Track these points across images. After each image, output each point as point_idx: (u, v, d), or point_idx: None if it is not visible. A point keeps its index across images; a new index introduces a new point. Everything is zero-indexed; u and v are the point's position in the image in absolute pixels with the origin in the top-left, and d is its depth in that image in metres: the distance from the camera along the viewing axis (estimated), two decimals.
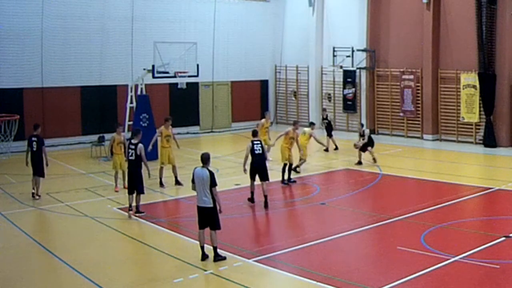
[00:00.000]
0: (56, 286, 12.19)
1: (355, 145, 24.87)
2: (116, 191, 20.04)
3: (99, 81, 30.12)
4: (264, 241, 14.71)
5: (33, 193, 19.06)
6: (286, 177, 20.97)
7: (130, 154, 16.97)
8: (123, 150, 20.00)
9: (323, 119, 29.72)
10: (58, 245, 14.54)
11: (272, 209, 17.64)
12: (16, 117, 24.78)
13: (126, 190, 17.46)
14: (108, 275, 12.49)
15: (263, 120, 26.05)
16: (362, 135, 24.75)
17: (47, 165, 19.16)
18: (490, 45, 27.64)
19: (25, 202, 18.56)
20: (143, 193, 17.11)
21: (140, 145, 16.92)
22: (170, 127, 21.19)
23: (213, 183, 13.08)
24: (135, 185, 16.87)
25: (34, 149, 19.06)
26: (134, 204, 16.99)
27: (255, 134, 18.53)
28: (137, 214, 16.85)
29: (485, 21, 27.50)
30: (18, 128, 25.37)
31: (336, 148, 28.15)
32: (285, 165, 21.06)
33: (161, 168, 20.91)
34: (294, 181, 21.14)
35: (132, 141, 17.04)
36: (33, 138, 19.21)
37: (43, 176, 19.24)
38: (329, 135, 28.53)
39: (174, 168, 20.92)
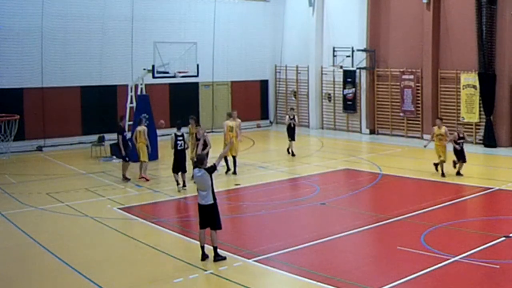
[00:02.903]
0: (56, 286, 12.16)
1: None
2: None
3: (99, 81, 30.11)
4: (264, 241, 14.65)
5: (123, 175, 21.56)
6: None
7: (179, 145, 19.83)
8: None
9: (290, 119, 26.99)
10: (58, 245, 14.46)
11: (272, 209, 17.64)
12: (16, 117, 24.78)
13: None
14: (108, 275, 12.48)
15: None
16: (461, 137, 21.89)
17: (124, 150, 21.56)
18: (490, 45, 27.61)
19: (25, 202, 18.54)
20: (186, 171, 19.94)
21: (186, 135, 20.19)
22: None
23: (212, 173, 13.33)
24: (182, 167, 19.94)
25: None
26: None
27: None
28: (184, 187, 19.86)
29: (485, 21, 27.46)
30: (18, 128, 25.39)
31: (293, 155, 26.29)
32: (442, 162, 21.90)
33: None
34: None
35: (177, 133, 19.83)
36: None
37: (123, 159, 21.64)
38: (292, 138, 26.56)
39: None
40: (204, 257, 13.20)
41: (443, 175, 21.58)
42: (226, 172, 22.54)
